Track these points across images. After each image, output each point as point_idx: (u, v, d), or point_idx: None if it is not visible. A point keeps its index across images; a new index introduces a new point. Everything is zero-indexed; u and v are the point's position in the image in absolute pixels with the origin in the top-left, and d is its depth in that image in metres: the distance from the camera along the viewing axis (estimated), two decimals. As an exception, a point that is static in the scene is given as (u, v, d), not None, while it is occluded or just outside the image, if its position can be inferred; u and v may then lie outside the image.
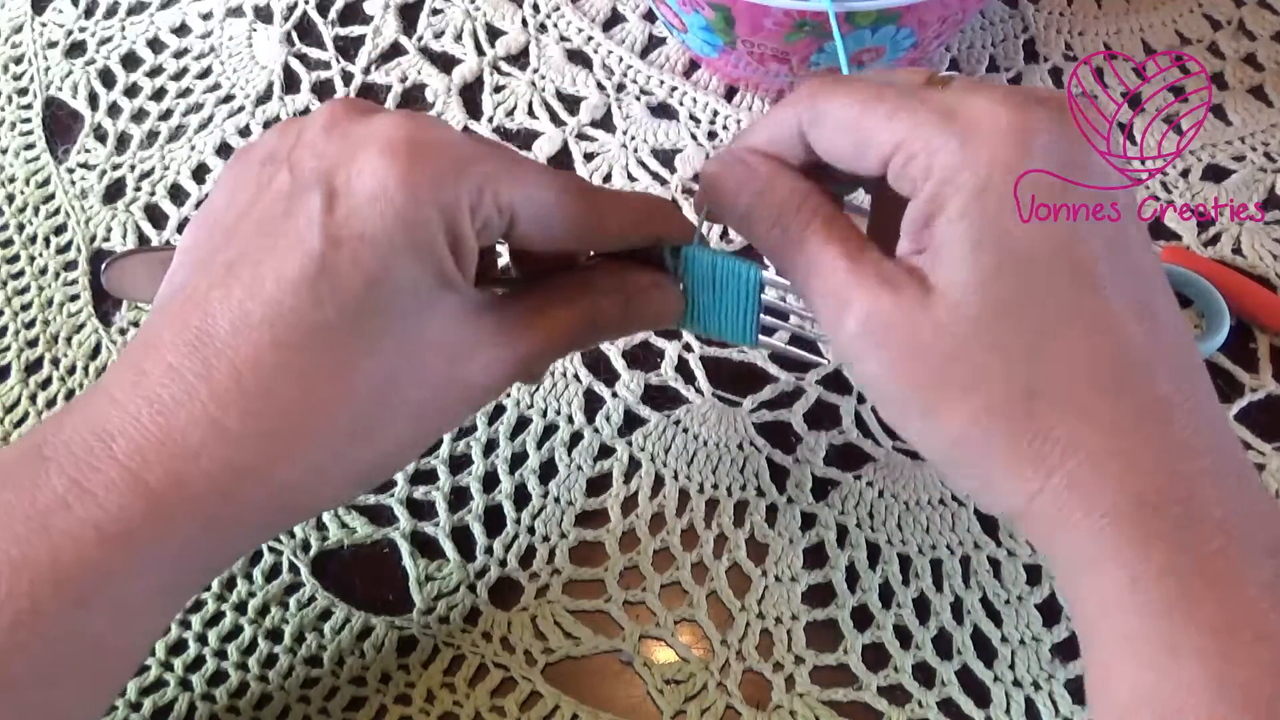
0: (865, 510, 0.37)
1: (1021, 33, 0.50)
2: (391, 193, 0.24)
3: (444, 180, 0.24)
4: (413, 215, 0.24)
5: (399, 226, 0.24)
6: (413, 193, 0.24)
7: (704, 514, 0.38)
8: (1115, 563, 0.23)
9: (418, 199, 0.24)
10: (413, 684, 0.35)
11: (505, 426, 0.40)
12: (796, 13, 0.37)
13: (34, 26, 0.52)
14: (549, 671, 0.35)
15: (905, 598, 0.36)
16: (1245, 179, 0.44)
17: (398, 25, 0.51)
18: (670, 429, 0.39)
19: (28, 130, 0.49)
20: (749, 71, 0.45)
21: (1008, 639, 0.35)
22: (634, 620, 0.36)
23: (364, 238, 0.24)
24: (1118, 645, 0.24)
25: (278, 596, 0.37)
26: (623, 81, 0.49)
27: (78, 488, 0.23)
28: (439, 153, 0.24)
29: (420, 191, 0.24)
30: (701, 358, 0.41)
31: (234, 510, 0.25)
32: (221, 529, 0.25)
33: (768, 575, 0.36)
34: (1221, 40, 0.49)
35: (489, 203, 0.25)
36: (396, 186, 0.24)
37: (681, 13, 0.42)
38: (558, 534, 0.37)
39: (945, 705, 0.34)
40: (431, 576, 0.37)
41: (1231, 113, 0.46)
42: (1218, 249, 0.43)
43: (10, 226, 0.46)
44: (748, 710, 0.34)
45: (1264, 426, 0.39)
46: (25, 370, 0.42)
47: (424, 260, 0.24)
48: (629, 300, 0.30)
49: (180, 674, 0.35)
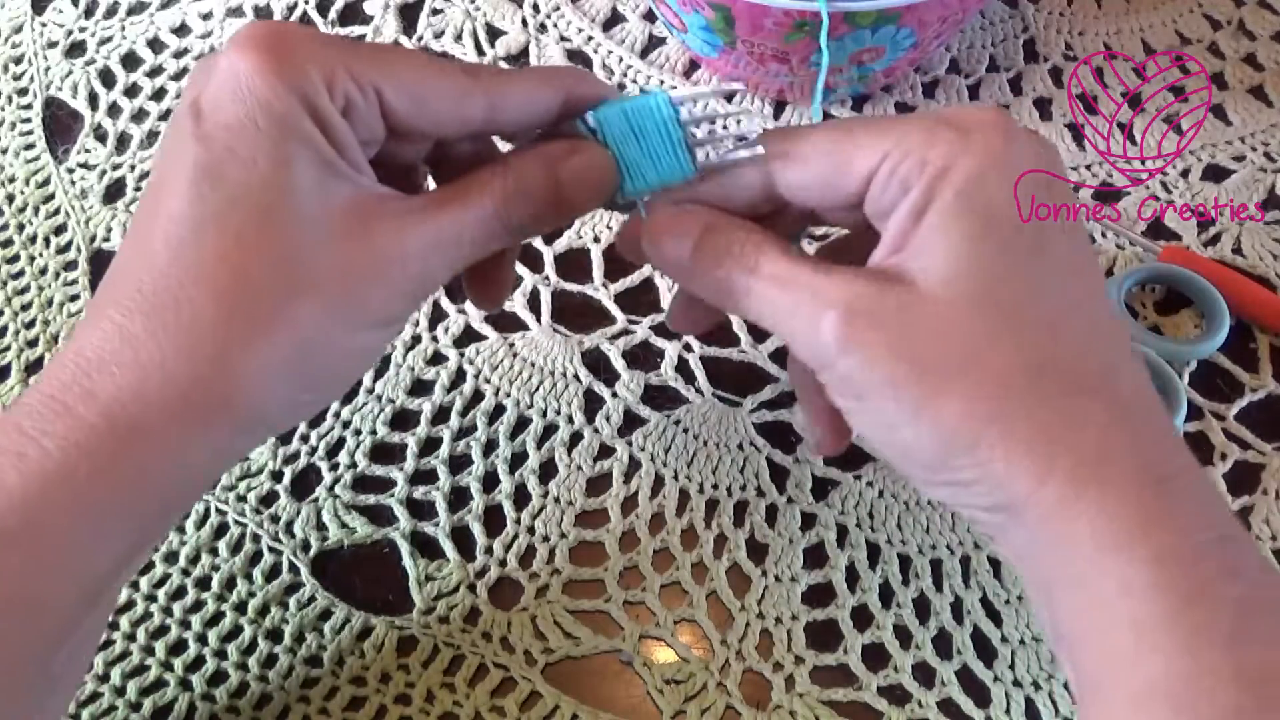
0: (865, 510, 0.37)
1: (1021, 33, 0.50)
2: (245, 79, 0.24)
3: (295, 62, 0.25)
4: (268, 96, 0.24)
5: (259, 110, 0.24)
6: (265, 78, 0.24)
7: (704, 514, 0.38)
8: (1135, 545, 0.23)
9: (272, 83, 0.24)
10: (413, 684, 0.35)
11: (505, 426, 0.40)
12: (796, 13, 0.38)
13: (34, 26, 0.53)
14: (549, 671, 0.35)
15: (905, 598, 0.36)
16: (1245, 179, 0.44)
17: (398, 25, 0.51)
18: (670, 429, 0.39)
19: (28, 130, 0.49)
20: (749, 71, 0.45)
21: (1008, 639, 0.35)
22: (634, 620, 0.36)
23: (229, 127, 0.24)
24: (1131, 635, 0.23)
25: (278, 596, 0.37)
26: (623, 81, 0.49)
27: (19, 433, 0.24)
28: (288, 40, 0.25)
29: (272, 76, 0.24)
30: (701, 358, 0.41)
31: (164, 421, 0.24)
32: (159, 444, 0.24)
33: (768, 575, 0.36)
34: (1221, 40, 0.49)
35: (345, 80, 0.25)
36: (249, 73, 0.24)
37: (681, 13, 0.42)
38: (558, 534, 0.37)
39: (945, 705, 0.34)
40: (431, 576, 0.37)
41: (1231, 113, 0.46)
42: (1218, 249, 0.43)
43: (10, 226, 0.46)
44: (748, 710, 0.34)
45: (1264, 426, 0.39)
46: (25, 370, 0.42)
47: (295, 141, 0.25)
48: (550, 165, 0.28)
49: (180, 674, 0.35)
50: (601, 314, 0.42)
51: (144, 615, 0.36)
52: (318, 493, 0.38)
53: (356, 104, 0.26)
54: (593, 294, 0.43)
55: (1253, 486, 0.37)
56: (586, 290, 0.43)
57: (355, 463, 0.39)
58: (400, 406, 0.40)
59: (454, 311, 0.42)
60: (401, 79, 0.26)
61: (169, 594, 0.37)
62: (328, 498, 0.38)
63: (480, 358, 0.41)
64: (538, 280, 0.43)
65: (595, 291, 0.43)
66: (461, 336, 0.42)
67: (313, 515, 0.38)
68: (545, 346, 0.41)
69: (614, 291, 0.43)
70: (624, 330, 0.42)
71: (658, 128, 0.29)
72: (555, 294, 0.43)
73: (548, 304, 0.42)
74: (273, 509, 0.38)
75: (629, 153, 0.29)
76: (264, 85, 0.24)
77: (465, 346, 0.41)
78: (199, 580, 0.37)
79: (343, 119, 0.25)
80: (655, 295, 0.43)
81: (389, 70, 0.26)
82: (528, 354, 0.41)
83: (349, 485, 0.39)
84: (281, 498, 0.38)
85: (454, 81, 0.27)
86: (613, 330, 0.42)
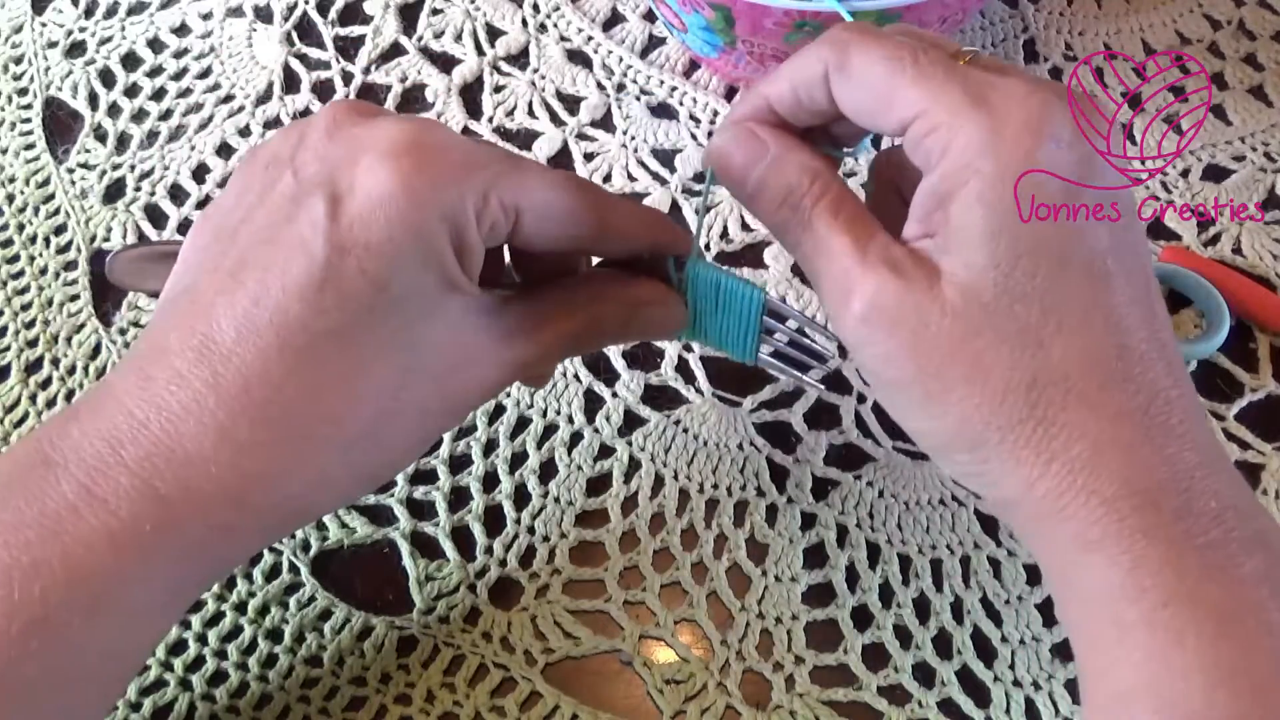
0: (865, 510, 0.37)
1: (1021, 33, 0.50)
2: (396, 198, 0.23)
3: (448, 184, 0.24)
4: (418, 221, 0.24)
5: (404, 232, 0.23)
6: (417, 198, 0.23)
7: (704, 514, 0.38)
8: (1115, 550, 0.23)
9: (423, 204, 0.24)
10: (413, 684, 0.35)
11: (505, 426, 0.40)
12: (796, 13, 0.37)
13: (34, 26, 0.52)
14: (549, 671, 0.35)
15: (905, 598, 0.36)
16: (1245, 179, 0.44)
17: (398, 25, 0.51)
18: (670, 429, 0.39)
19: (28, 130, 0.49)
20: (749, 71, 0.45)
21: (1008, 639, 0.35)
22: (634, 620, 0.36)
23: (369, 245, 0.23)
24: (1114, 634, 0.24)
25: (278, 596, 0.37)
26: (623, 81, 0.49)
27: (88, 494, 0.23)
28: (442, 156, 0.24)
29: (425, 196, 0.24)
30: (701, 358, 0.41)
31: (242, 517, 0.25)
32: (229, 535, 0.25)
33: (768, 575, 0.36)
34: (1221, 40, 0.49)
35: (494, 205, 0.25)
36: (401, 192, 0.23)
37: (681, 13, 0.42)
38: (558, 534, 0.37)
39: (945, 705, 0.34)
40: (431, 576, 0.37)
41: (1231, 113, 0.46)
42: (1218, 249, 0.43)
43: (10, 226, 0.46)
44: (748, 710, 0.34)
45: (1264, 426, 0.39)
46: (25, 370, 0.42)
47: (429, 265, 0.24)
48: (634, 313, 0.30)
49: (180, 674, 0.35)
50: (601, 314, 0.42)
51: (144, 615, 0.37)
52: (318, 493, 0.38)
53: (498, 226, 0.25)
54: (593, 294, 0.43)
55: (1252, 486, 0.37)
56: (586, 290, 0.43)
57: (355, 463, 0.39)
58: (400, 406, 0.40)
59: (454, 311, 0.42)
60: (539, 200, 0.26)
61: (169, 594, 0.37)
62: (328, 498, 0.38)
63: (480, 358, 0.41)
64: (538, 280, 0.43)
65: (595, 291, 0.43)
66: (461, 336, 0.42)
67: (313, 515, 0.38)
68: (545, 346, 0.41)
69: (614, 291, 0.43)
70: (624, 330, 0.42)
71: (740, 313, 0.31)
72: (555, 294, 0.43)
73: (548, 304, 0.42)
74: (273, 509, 0.38)
75: (703, 313, 0.31)
76: (414, 209, 0.23)
77: (465, 346, 0.41)
78: (199, 580, 0.37)
79: (481, 243, 0.25)
80: (655, 295, 0.43)
81: (530, 193, 0.26)
82: (528, 354, 0.41)
83: (349, 485, 0.39)
84: (281, 498, 0.38)
85: (579, 206, 0.27)
86: (613, 330, 0.42)
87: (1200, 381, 0.40)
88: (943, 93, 0.25)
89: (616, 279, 0.30)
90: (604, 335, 0.30)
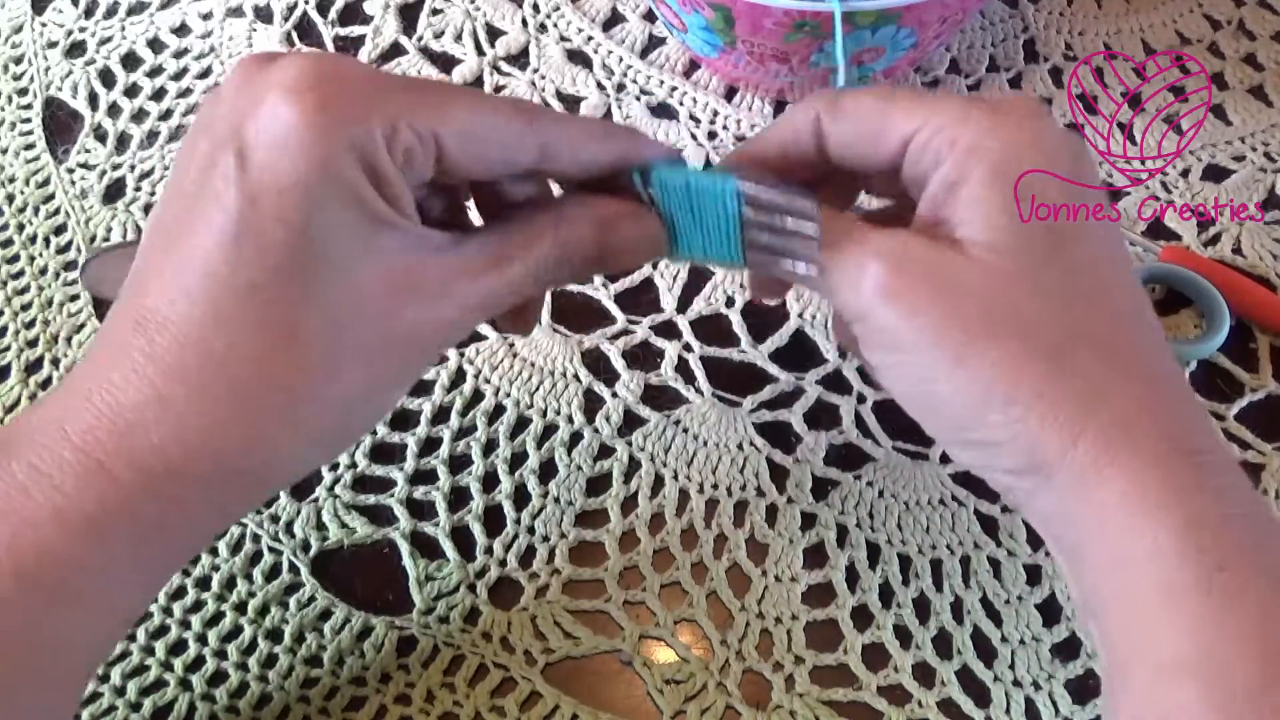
0: (865, 510, 0.37)
1: (1021, 33, 0.50)
2: (300, 134, 0.23)
3: (352, 113, 0.23)
4: (323, 155, 0.23)
5: (311, 169, 0.23)
6: (320, 131, 0.23)
7: (704, 514, 0.38)
8: (1165, 510, 0.23)
9: (327, 136, 0.23)
10: (413, 684, 0.35)
11: (505, 426, 0.40)
12: (796, 13, 0.37)
13: (34, 26, 0.52)
14: (549, 671, 0.35)
15: (905, 598, 0.36)
16: (1245, 179, 0.44)
17: (398, 25, 0.51)
18: (670, 429, 0.39)
19: (28, 130, 0.49)
20: (749, 71, 0.45)
21: (1008, 639, 0.35)
22: (634, 620, 0.36)
23: (280, 189, 0.23)
24: (1159, 600, 0.22)
25: (278, 596, 0.37)
26: (623, 81, 0.49)
27: (35, 472, 0.23)
28: (345, 87, 0.23)
29: (328, 129, 0.23)
30: (702, 358, 0.41)
31: (190, 489, 0.24)
32: (184, 511, 0.25)
33: (768, 575, 0.36)
34: (1221, 40, 0.49)
35: (406, 132, 0.24)
36: (303, 127, 0.23)
37: (681, 13, 0.42)
38: (558, 534, 0.37)
39: (945, 705, 0.34)
40: (431, 576, 0.37)
41: (1231, 113, 0.46)
42: (1218, 249, 0.43)
43: (10, 226, 0.46)
44: (747, 710, 0.34)
45: (1264, 426, 0.39)
46: (25, 370, 0.42)
47: (346, 201, 0.23)
48: (602, 229, 0.28)
49: (180, 674, 0.35)
50: (601, 314, 0.42)
51: (144, 615, 0.36)
52: (318, 493, 0.38)
53: (415, 154, 0.24)
54: (592, 294, 0.43)
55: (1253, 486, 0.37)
56: (586, 290, 0.43)
57: (355, 463, 0.39)
58: (400, 407, 0.40)
59: (454, 311, 0.42)
60: (459, 123, 0.25)
61: (169, 594, 0.37)
62: (328, 498, 0.38)
63: (480, 358, 0.41)
64: (538, 280, 0.43)
65: (595, 291, 0.43)
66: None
67: (313, 515, 0.38)
68: (545, 346, 0.41)
69: (614, 291, 0.43)
70: (624, 330, 0.42)
71: (718, 214, 0.28)
72: (555, 294, 0.43)
73: (548, 304, 0.42)
74: (273, 509, 0.38)
75: (681, 223, 0.29)
76: (317, 144, 0.23)
77: (465, 347, 0.41)
78: (199, 580, 0.37)
79: (399, 172, 0.24)
80: (655, 295, 0.43)
81: (447, 115, 0.24)
82: (527, 354, 0.41)
83: (349, 485, 0.39)
84: (281, 498, 0.38)
85: (508, 124, 0.25)
86: (613, 330, 0.42)
87: (1200, 381, 0.40)
88: (940, 103, 0.26)
89: (581, 200, 0.28)
90: (576, 262, 0.28)
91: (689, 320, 0.42)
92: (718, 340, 0.41)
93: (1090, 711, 0.34)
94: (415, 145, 0.24)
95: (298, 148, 0.23)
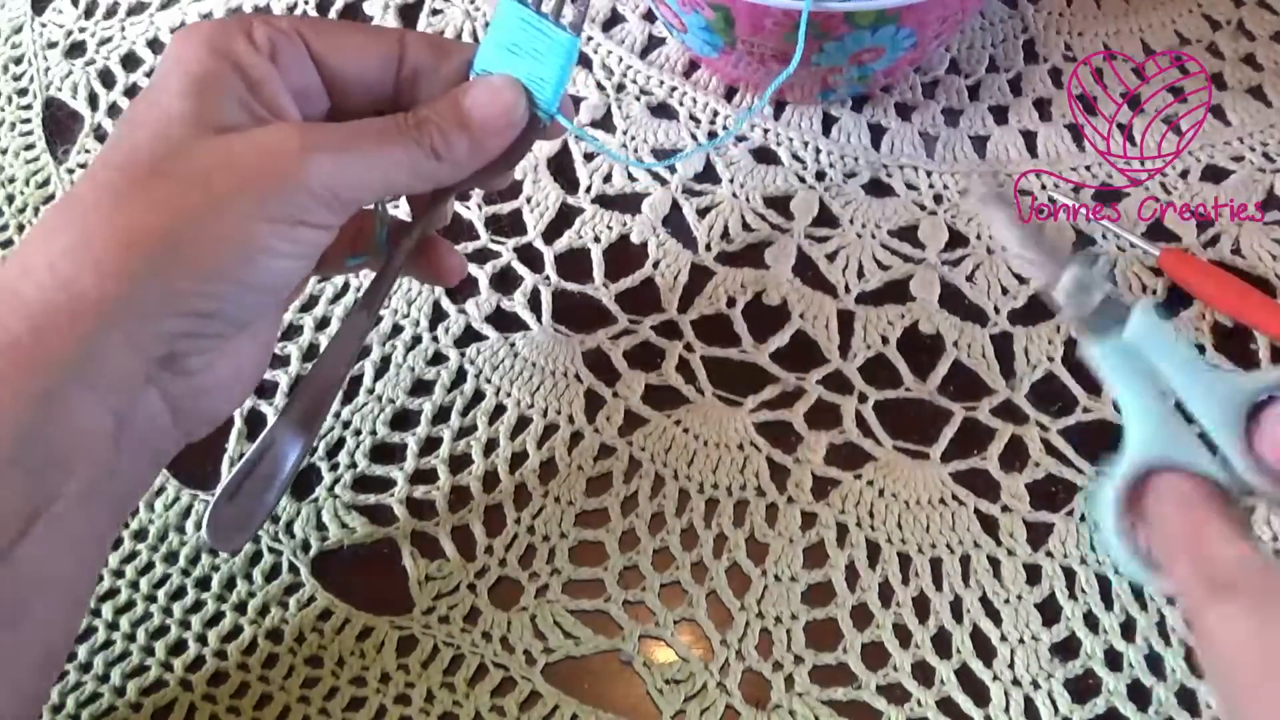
0: (865, 510, 0.37)
1: (1021, 33, 0.50)
2: (175, 45, 0.29)
3: (215, 28, 0.29)
4: (188, 55, 0.29)
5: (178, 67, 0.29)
6: (188, 40, 0.29)
7: (704, 514, 0.38)
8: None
9: (191, 42, 0.29)
10: (413, 684, 0.35)
11: (505, 426, 0.40)
12: (796, 12, 0.38)
13: (34, 26, 0.52)
14: (549, 671, 0.35)
15: (904, 597, 0.36)
16: (1244, 179, 0.44)
17: (397, 25, 0.51)
18: (670, 429, 0.39)
19: (28, 130, 0.49)
20: (749, 71, 0.45)
21: (1007, 638, 0.35)
22: (634, 620, 0.36)
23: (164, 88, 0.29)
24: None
25: (278, 596, 0.37)
26: (622, 81, 0.49)
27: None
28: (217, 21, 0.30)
29: (193, 38, 0.29)
30: (702, 358, 0.41)
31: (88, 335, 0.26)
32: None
33: (767, 575, 0.37)
34: (1221, 40, 0.49)
35: (262, 31, 0.29)
36: (178, 40, 0.29)
37: (681, 13, 0.42)
38: (558, 534, 0.37)
39: (944, 704, 0.34)
40: (431, 576, 0.37)
41: (1231, 113, 0.46)
42: (1217, 249, 0.43)
43: (10, 227, 0.46)
44: (747, 710, 0.34)
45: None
46: (25, 370, 0.42)
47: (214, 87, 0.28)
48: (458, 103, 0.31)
49: (180, 674, 0.35)
50: (602, 314, 0.42)
51: (144, 615, 0.37)
52: (318, 493, 0.39)
53: (282, 47, 0.30)
54: (593, 294, 0.43)
55: (1252, 486, 0.37)
56: (587, 290, 0.43)
57: (355, 463, 0.39)
58: (400, 406, 0.40)
59: (454, 312, 0.42)
60: (322, 27, 0.31)
61: (169, 594, 0.37)
62: (328, 498, 0.38)
63: (481, 357, 0.41)
64: (538, 280, 0.43)
65: (596, 291, 0.43)
66: (462, 336, 0.42)
67: (313, 515, 0.38)
68: (546, 346, 0.41)
69: (614, 291, 0.43)
70: (625, 330, 0.42)
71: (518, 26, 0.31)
72: (556, 294, 0.43)
73: (548, 304, 0.42)
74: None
75: (519, 72, 0.31)
76: (187, 49, 0.29)
77: (466, 346, 0.42)
78: (199, 580, 0.37)
79: (264, 59, 0.29)
80: (656, 295, 0.43)
81: (311, 22, 0.31)
82: (528, 354, 0.41)
83: (349, 485, 0.39)
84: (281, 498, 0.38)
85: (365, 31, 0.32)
86: (614, 330, 0.42)
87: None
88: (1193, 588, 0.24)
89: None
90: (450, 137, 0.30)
91: (690, 320, 0.42)
92: (719, 340, 0.41)
93: (1089, 711, 0.34)
94: (279, 38, 0.30)
95: (172, 55, 0.29)
